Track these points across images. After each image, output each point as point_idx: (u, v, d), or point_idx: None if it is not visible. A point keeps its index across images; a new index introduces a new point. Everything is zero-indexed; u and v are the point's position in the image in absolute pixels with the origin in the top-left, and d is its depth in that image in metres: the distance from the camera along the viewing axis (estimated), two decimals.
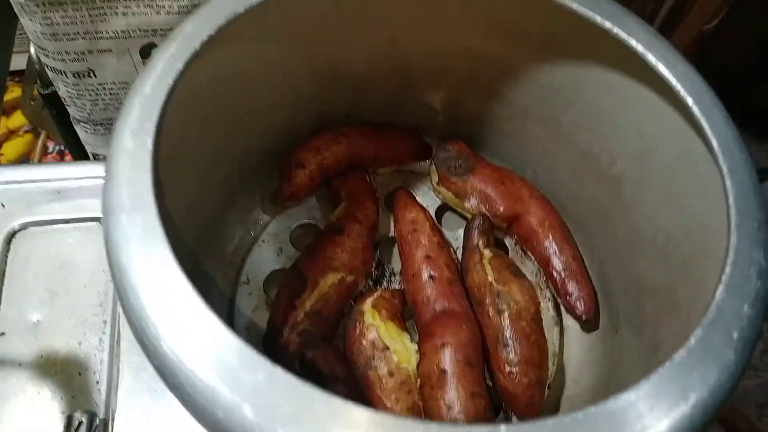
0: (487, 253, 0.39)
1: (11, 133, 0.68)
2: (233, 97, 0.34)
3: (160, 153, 0.24)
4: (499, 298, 0.37)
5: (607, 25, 0.29)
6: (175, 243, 0.22)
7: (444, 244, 0.39)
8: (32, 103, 0.69)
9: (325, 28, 0.34)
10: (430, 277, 0.37)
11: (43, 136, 0.68)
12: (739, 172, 0.26)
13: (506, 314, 0.36)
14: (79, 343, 0.40)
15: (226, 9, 0.27)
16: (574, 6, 0.30)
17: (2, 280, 0.41)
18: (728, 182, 0.26)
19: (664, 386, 0.21)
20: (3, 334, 0.40)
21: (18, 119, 0.69)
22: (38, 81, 0.50)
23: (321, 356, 0.34)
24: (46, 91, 0.49)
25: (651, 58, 0.29)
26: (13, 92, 0.70)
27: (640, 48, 0.29)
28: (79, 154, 0.53)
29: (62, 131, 0.52)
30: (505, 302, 0.36)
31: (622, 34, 0.29)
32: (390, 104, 0.42)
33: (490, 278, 0.37)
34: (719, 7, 0.62)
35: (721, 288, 0.24)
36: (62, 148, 0.68)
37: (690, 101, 0.28)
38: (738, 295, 0.24)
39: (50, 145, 0.68)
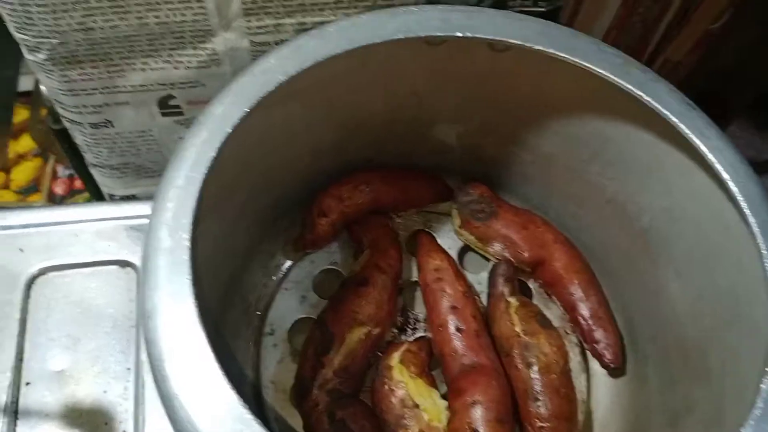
0: (513, 301, 0.38)
1: (20, 158, 0.68)
2: (256, 157, 0.33)
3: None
4: (527, 350, 0.37)
5: (637, 92, 0.29)
6: (210, 329, 0.22)
7: (469, 293, 0.39)
8: (40, 126, 0.69)
9: (347, 86, 0.34)
10: (457, 329, 0.37)
11: (52, 160, 0.68)
12: None
13: (535, 367, 0.36)
14: (104, 392, 0.40)
15: (255, 88, 0.27)
16: (606, 73, 0.29)
17: (24, 328, 0.41)
18: (766, 260, 0.26)
19: None
20: (29, 384, 0.40)
21: (26, 143, 0.68)
22: (49, 116, 0.50)
23: (351, 416, 0.34)
24: (57, 127, 0.48)
25: (684, 128, 0.28)
26: (21, 114, 0.70)
27: (672, 118, 0.28)
28: (92, 185, 0.52)
29: (75, 164, 0.51)
30: (534, 355, 0.36)
31: (654, 103, 0.29)
32: (410, 147, 0.42)
33: (518, 329, 0.37)
34: (725, 7, 0.63)
35: (766, 379, 0.24)
36: (72, 172, 0.67)
37: (726, 176, 0.27)
38: None
39: (59, 170, 0.68)
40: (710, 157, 0.29)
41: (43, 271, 0.43)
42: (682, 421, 0.32)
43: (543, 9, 0.38)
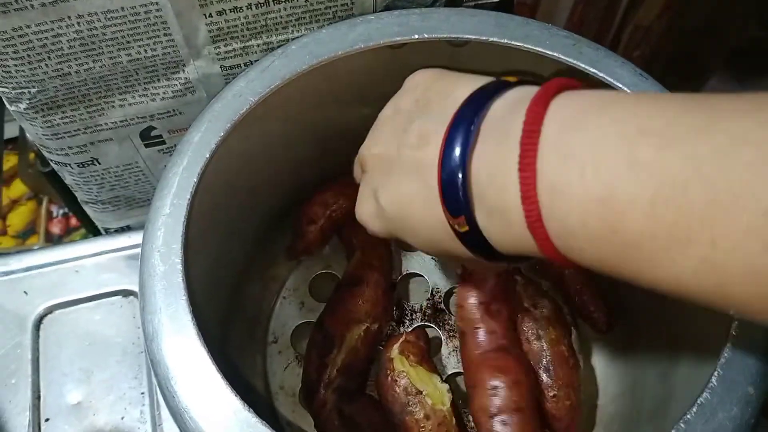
0: (519, 280, 0.40)
1: (14, 203, 0.69)
2: (240, 178, 0.35)
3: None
4: (536, 325, 0.38)
5: (591, 69, 0.31)
6: (212, 346, 0.24)
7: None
8: (30, 170, 0.70)
9: (320, 99, 0.36)
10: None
11: (45, 201, 0.69)
12: None
13: (544, 340, 0.38)
14: (122, 418, 0.41)
15: (228, 112, 0.28)
16: (559, 55, 0.31)
17: (38, 366, 0.43)
18: None
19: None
20: (48, 420, 0.41)
21: (18, 188, 0.70)
22: (38, 159, 0.51)
23: (358, 410, 0.36)
24: (46, 169, 0.49)
25: None
26: (10, 161, 0.71)
27: (625, 90, 0.30)
28: (87, 221, 0.54)
29: (67, 202, 0.53)
30: (543, 329, 0.38)
31: (607, 78, 0.30)
32: None
33: (526, 305, 0.39)
34: None
35: (735, 324, 0.25)
36: (66, 210, 0.69)
37: None
38: (752, 328, 0.25)
39: (54, 210, 0.69)
40: None
41: (49, 311, 0.44)
42: (671, 372, 0.33)
43: (496, 0, 0.39)
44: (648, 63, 0.71)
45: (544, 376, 0.37)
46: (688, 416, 0.23)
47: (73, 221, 0.68)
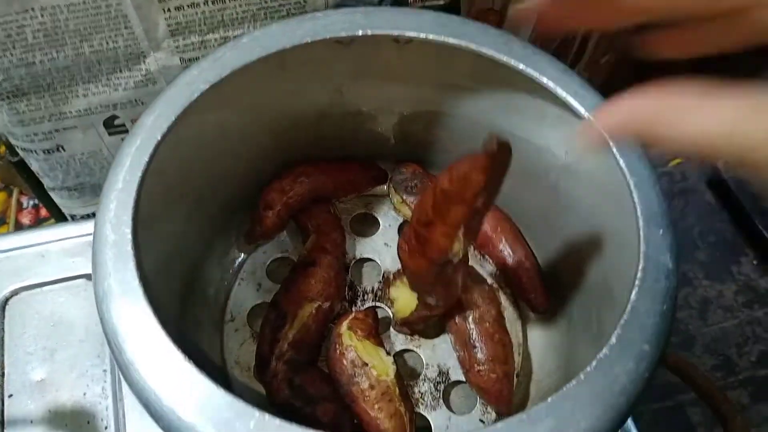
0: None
1: None
2: (197, 164, 0.37)
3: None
4: (463, 305, 0.41)
5: (520, 65, 0.33)
6: (162, 312, 0.26)
7: None
8: (0, 162, 0.71)
9: (272, 90, 0.38)
10: None
11: (16, 192, 0.70)
12: (645, 185, 0.30)
13: (470, 318, 0.41)
14: (84, 394, 0.43)
15: (181, 98, 0.30)
16: (491, 52, 0.34)
17: (2, 345, 0.44)
18: (635, 195, 0.30)
19: (592, 383, 0.26)
20: (11, 396, 0.43)
21: None
22: (7, 150, 0.53)
23: (308, 380, 0.38)
24: (15, 159, 0.51)
25: (561, 92, 0.33)
26: None
27: (550, 84, 0.33)
28: (55, 210, 0.55)
29: (36, 192, 0.54)
30: (469, 308, 0.41)
31: (534, 73, 0.33)
32: (344, 138, 0.46)
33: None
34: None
35: (635, 291, 0.28)
36: (36, 202, 0.70)
37: None
38: (650, 295, 0.28)
39: (24, 201, 0.70)
40: (586, 115, 0.33)
41: (15, 292, 0.46)
42: (598, 346, 0.36)
43: (442, 2, 0.42)
44: (617, 67, 0.74)
45: (471, 352, 0.39)
46: (588, 369, 0.26)
47: (44, 212, 0.69)
